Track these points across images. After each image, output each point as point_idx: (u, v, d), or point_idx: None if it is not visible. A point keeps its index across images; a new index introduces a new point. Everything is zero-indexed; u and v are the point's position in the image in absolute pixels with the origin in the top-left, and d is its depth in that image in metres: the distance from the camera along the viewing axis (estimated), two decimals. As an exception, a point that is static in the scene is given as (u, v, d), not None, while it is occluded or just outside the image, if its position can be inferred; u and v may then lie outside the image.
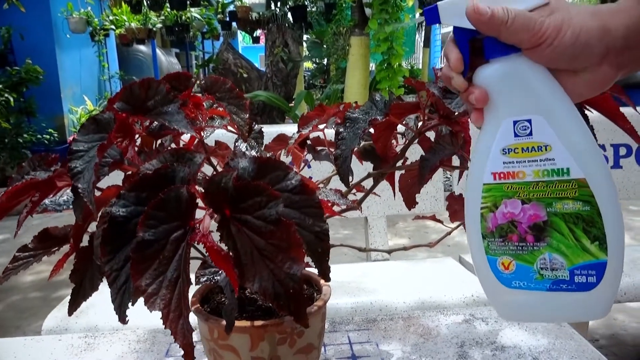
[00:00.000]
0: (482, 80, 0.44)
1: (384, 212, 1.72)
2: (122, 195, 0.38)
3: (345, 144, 0.63)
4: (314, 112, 0.86)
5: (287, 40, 3.77)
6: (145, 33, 7.19)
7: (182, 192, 0.37)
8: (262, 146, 0.66)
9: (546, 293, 0.46)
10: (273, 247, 0.37)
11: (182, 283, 0.36)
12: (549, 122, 0.43)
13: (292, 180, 0.40)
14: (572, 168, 0.43)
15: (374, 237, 1.74)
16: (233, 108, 0.57)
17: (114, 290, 0.38)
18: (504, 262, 0.47)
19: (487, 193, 0.46)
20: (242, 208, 0.37)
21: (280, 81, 3.80)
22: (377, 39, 3.40)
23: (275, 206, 0.36)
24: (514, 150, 0.45)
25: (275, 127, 1.82)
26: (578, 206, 0.43)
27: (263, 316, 0.56)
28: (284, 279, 0.37)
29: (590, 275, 0.44)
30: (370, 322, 0.86)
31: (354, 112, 0.65)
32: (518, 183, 0.45)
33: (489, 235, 0.47)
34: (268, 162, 0.40)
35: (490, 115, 0.45)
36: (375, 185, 0.69)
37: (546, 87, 0.43)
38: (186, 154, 0.41)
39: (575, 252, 0.44)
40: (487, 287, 0.49)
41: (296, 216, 0.40)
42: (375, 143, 0.69)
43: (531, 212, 0.45)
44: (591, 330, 2.04)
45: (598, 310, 0.45)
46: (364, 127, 0.62)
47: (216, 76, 0.58)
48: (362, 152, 0.80)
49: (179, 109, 0.44)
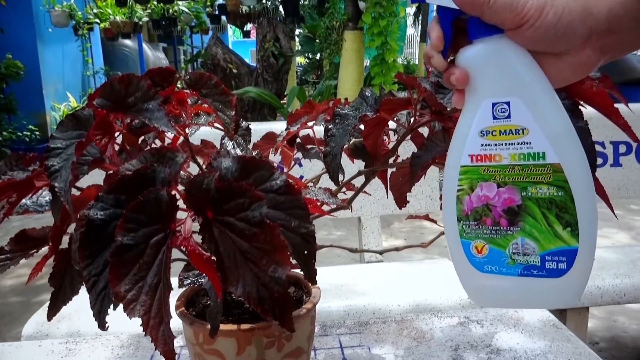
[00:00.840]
0: (464, 61, 0.45)
1: (378, 212, 1.72)
2: (100, 198, 0.38)
3: (335, 141, 0.63)
4: (303, 109, 0.86)
5: (279, 35, 3.76)
6: (131, 27, 7.16)
7: (162, 194, 0.37)
8: (249, 144, 0.66)
9: (517, 278, 0.47)
10: (257, 250, 0.37)
11: (163, 288, 0.36)
12: (527, 105, 0.44)
13: (277, 180, 0.40)
14: (547, 152, 0.44)
15: (367, 238, 1.74)
16: (219, 105, 0.57)
17: (93, 296, 0.38)
18: (477, 245, 0.48)
19: (464, 175, 0.47)
20: (225, 210, 0.37)
21: (271, 77, 3.80)
22: (371, 33, 3.41)
23: (258, 208, 0.36)
24: (492, 132, 0.45)
25: (265, 125, 1.81)
26: (552, 191, 0.44)
27: (250, 319, 0.56)
28: (268, 283, 0.37)
29: (560, 262, 0.45)
30: (362, 326, 0.86)
31: (344, 108, 0.65)
32: (494, 166, 0.46)
33: (463, 219, 0.48)
34: (252, 162, 0.40)
35: (471, 96, 0.46)
36: (365, 183, 0.69)
37: (526, 70, 0.44)
38: (167, 153, 0.41)
39: (547, 237, 0.45)
40: (460, 271, 0.50)
41: (281, 217, 0.40)
42: (365, 140, 0.69)
43: (506, 196, 0.46)
44: (591, 332, 2.06)
45: (568, 297, 0.46)
46: (354, 124, 0.62)
47: (201, 72, 0.58)
48: (353, 149, 0.80)
49: (160, 106, 0.44)
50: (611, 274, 1.43)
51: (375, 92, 0.66)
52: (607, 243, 3.02)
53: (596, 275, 1.42)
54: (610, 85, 0.63)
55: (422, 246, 0.82)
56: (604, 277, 1.42)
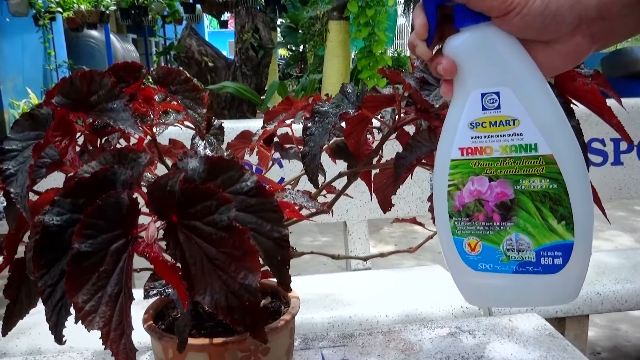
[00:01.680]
0: (451, 50, 0.46)
1: (365, 215, 1.73)
2: (57, 202, 0.38)
3: (314, 141, 0.64)
4: (281, 105, 0.86)
5: (258, 25, 3.76)
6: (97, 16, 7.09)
7: (123, 198, 0.37)
8: (222, 144, 0.67)
9: (512, 276, 0.48)
10: (225, 256, 0.37)
11: (124, 298, 0.36)
12: (517, 95, 0.45)
13: (247, 181, 0.41)
14: (539, 143, 0.45)
15: (354, 244, 1.75)
16: (189, 102, 0.57)
17: (49, 308, 0.38)
18: (470, 243, 0.49)
19: (455, 170, 0.48)
20: (191, 214, 0.38)
21: (250, 71, 3.80)
22: (358, 23, 3.43)
23: (226, 211, 0.37)
24: (482, 124, 0.47)
25: (242, 122, 1.82)
26: (545, 184, 0.45)
27: (224, 332, 0.56)
28: (238, 291, 0.38)
29: (556, 257, 0.46)
30: (346, 338, 0.87)
31: (323, 105, 0.66)
32: (485, 159, 0.47)
33: (455, 215, 0.49)
34: (220, 162, 0.41)
35: (459, 87, 0.47)
36: (347, 186, 0.70)
37: (515, 59, 0.45)
38: (130, 154, 0.41)
39: (541, 232, 0.46)
40: (454, 270, 0.51)
41: (252, 221, 0.41)
42: (347, 139, 0.70)
43: (498, 190, 0.47)
44: (592, 342, 2.09)
45: (565, 294, 0.48)
46: (334, 122, 0.63)
47: (170, 66, 0.58)
48: (334, 149, 0.81)
49: (125, 106, 0.44)
50: (612, 279, 1.46)
51: (357, 88, 0.67)
52: (610, 246, 3.07)
53: (596, 281, 1.45)
54: (603, 82, 0.65)
55: (409, 251, 0.83)
56: (604, 282, 1.44)
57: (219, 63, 4.01)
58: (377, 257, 0.87)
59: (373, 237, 3.33)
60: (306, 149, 0.64)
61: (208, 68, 4.01)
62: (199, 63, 4.02)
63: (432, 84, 0.61)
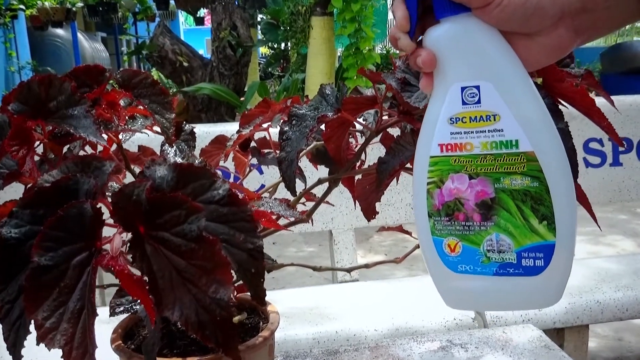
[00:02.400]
0: (431, 42, 0.47)
1: (352, 224, 1.74)
2: (15, 214, 0.39)
3: (291, 146, 0.65)
4: (258, 108, 0.87)
5: (236, 22, 3.77)
6: (63, 14, 7.05)
7: (86, 208, 0.38)
8: (193, 150, 0.67)
9: (493, 278, 0.49)
10: (195, 269, 0.38)
11: (87, 315, 0.36)
12: (498, 89, 0.46)
13: (219, 189, 0.41)
14: (520, 140, 0.46)
15: (340, 254, 1.76)
16: (156, 106, 0.58)
17: (7, 326, 0.38)
18: (450, 243, 0.50)
19: (434, 167, 0.49)
20: (159, 224, 0.39)
21: (228, 71, 3.80)
22: (342, 19, 3.45)
23: (196, 221, 0.38)
24: (462, 119, 0.48)
25: (219, 126, 1.82)
26: (527, 182, 0.47)
27: (198, 351, 0.57)
28: (209, 305, 0.38)
29: (537, 259, 0.47)
30: (331, 354, 0.88)
31: (301, 108, 0.67)
32: (465, 156, 0.48)
33: (435, 214, 0.50)
34: (190, 170, 0.42)
35: (439, 80, 0.48)
36: (327, 193, 0.71)
37: (496, 51, 0.46)
38: (93, 162, 0.42)
39: (523, 232, 0.47)
40: (434, 272, 0.52)
41: (224, 232, 0.41)
42: (327, 143, 0.71)
43: (478, 188, 0.48)
44: (593, 353, 2.11)
45: (547, 297, 0.49)
46: (312, 126, 0.64)
47: (135, 69, 0.59)
48: (314, 154, 0.82)
49: (86, 112, 0.45)
50: (612, 286, 1.48)
51: (336, 90, 0.68)
52: (611, 252, 3.11)
53: (596, 289, 1.47)
54: (593, 83, 0.67)
55: (395, 261, 0.84)
56: (604, 290, 1.46)
57: (194, 63, 4.00)
58: (365, 268, 0.87)
59: (362, 246, 3.34)
60: (283, 155, 0.65)
61: (183, 68, 4.01)
62: (173, 63, 4.02)
63: (414, 85, 0.62)
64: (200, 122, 3.85)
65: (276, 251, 3.30)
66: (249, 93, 3.63)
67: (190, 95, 3.89)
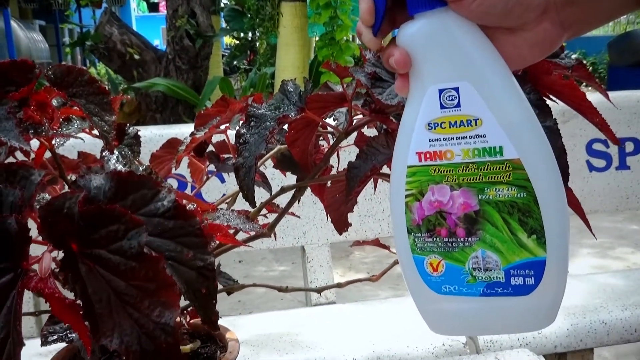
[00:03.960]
0: (404, 40, 0.49)
1: (327, 238, 1.75)
2: None
3: (249, 150, 0.66)
4: (215, 107, 0.88)
5: (194, 8, 3.77)
6: (-7, -1, 6.96)
7: (10, 223, 0.38)
8: (138, 155, 0.68)
9: (480, 299, 0.51)
10: (137, 290, 0.39)
11: (12, 345, 0.37)
12: (478, 90, 0.48)
13: (163, 200, 0.42)
14: (505, 146, 0.48)
15: (314, 273, 1.77)
16: (93, 107, 0.58)
17: None
18: (432, 262, 0.52)
19: (412, 177, 0.51)
20: (94, 241, 0.39)
21: (186, 64, 3.80)
22: (316, 5, 3.47)
23: (136, 236, 0.38)
24: (441, 124, 0.49)
25: (174, 128, 1.82)
26: (513, 192, 0.48)
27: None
28: (152, 331, 0.39)
29: (527, 276, 0.49)
30: (300, 386, 0.89)
31: (260, 107, 0.68)
32: (446, 165, 0.50)
33: (415, 230, 0.52)
34: (130, 179, 0.42)
35: (415, 82, 0.49)
36: (291, 203, 0.72)
37: (476, 49, 0.48)
38: (19, 171, 0.42)
39: (510, 248, 0.49)
40: (415, 294, 0.53)
41: (170, 248, 0.42)
42: (290, 147, 0.72)
43: (461, 201, 0.50)
44: (601, 380, 2.14)
45: (540, 319, 0.50)
46: (272, 127, 0.65)
47: (69, 65, 0.59)
48: (279, 159, 0.83)
49: (8, 114, 0.45)
50: (619, 305, 1.51)
51: (300, 86, 0.69)
52: (621, 266, 3.16)
53: (601, 308, 1.50)
54: (586, 75, 0.69)
55: (371, 279, 0.86)
56: (610, 309, 1.49)
57: (147, 55, 3.99)
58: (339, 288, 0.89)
59: (341, 264, 3.36)
60: (240, 160, 0.66)
61: (134, 61, 3.99)
62: (122, 56, 4.00)
63: (386, 80, 0.64)
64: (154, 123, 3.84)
65: (243, 271, 3.30)
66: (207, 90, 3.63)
67: (143, 93, 3.88)
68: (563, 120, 1.92)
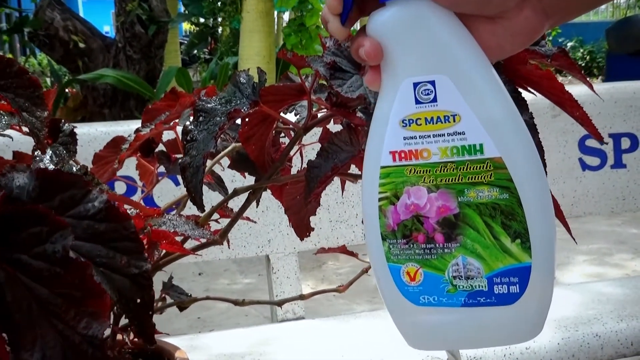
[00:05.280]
0: (375, 29, 0.49)
1: (294, 247, 1.75)
2: None
3: (197, 148, 0.66)
4: (164, 101, 0.89)
5: (147, -9, 3.77)
6: None
7: None
8: (74, 155, 0.68)
9: (461, 309, 0.52)
10: (61, 299, 0.39)
11: None
12: (456, 84, 0.49)
13: (94, 202, 0.43)
14: (485, 144, 0.49)
15: (281, 286, 1.77)
16: (23, 102, 0.59)
17: None
18: (410, 271, 0.52)
19: (386, 179, 0.52)
20: (14, 244, 0.39)
21: (138, 53, 3.78)
22: (284, -13, 3.48)
23: (61, 239, 0.39)
24: (416, 121, 0.50)
25: (122, 125, 1.81)
26: (495, 193, 0.49)
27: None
28: (79, 344, 0.39)
29: (512, 284, 0.50)
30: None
31: (209, 101, 0.69)
32: (422, 165, 0.51)
33: (390, 236, 0.52)
34: (58, 178, 0.43)
35: (387, 75, 0.50)
36: (244, 207, 0.73)
37: (453, 39, 0.49)
38: None
39: (493, 254, 0.50)
40: (391, 306, 0.54)
41: (101, 253, 0.43)
42: (245, 145, 0.73)
43: (439, 203, 0.51)
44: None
45: (525, 330, 0.52)
46: (222, 123, 0.65)
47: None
48: (235, 158, 0.84)
49: None
50: (614, 316, 1.53)
51: (253, 78, 0.70)
52: (619, 273, 3.19)
53: (594, 320, 1.52)
54: (568, 64, 0.71)
55: (337, 290, 0.87)
56: (604, 321, 1.51)
57: (93, 44, 3.97)
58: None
59: (313, 275, 3.37)
60: (187, 160, 0.66)
61: (79, 50, 3.96)
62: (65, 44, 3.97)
63: (347, 71, 0.65)
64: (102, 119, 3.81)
65: (203, 284, 3.29)
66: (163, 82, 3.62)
67: (90, 86, 3.85)
68: (553, 115, 1.95)
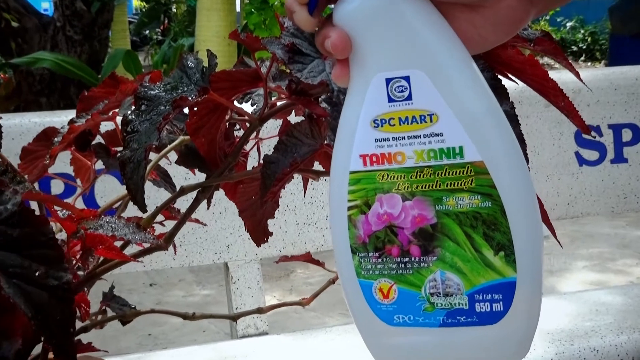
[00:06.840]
0: (343, 19, 0.49)
1: (256, 253, 1.74)
2: None
3: (138, 141, 0.65)
4: (101, 88, 0.88)
5: (90, -38, 3.73)
6: None
7: None
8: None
9: (439, 330, 0.52)
10: (-33, 318, 0.38)
11: None
12: (433, 80, 0.49)
13: (7, 204, 0.42)
14: (466, 147, 0.49)
15: (241, 297, 1.76)
16: None
17: None
18: (382, 287, 0.52)
19: (356, 185, 0.51)
20: None
21: (79, 34, 3.74)
22: (245, -41, 3.47)
23: (-34, 248, 0.38)
24: (389, 121, 0.50)
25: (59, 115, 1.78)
26: (476, 201, 0.49)
27: None
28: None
29: (495, 301, 0.50)
30: None
31: (153, 87, 0.68)
32: (396, 170, 0.50)
33: (360, 249, 0.52)
34: (-35, 177, 0.42)
35: (357, 70, 0.50)
36: (192, 208, 0.72)
37: (429, 30, 0.48)
38: None
39: (474, 268, 0.50)
40: (362, 326, 0.54)
41: (15, 262, 0.42)
42: (193, 137, 0.72)
43: (415, 213, 0.51)
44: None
45: (510, 351, 0.52)
46: (166, 112, 0.64)
47: None
48: (183, 152, 0.83)
49: None
50: (613, 328, 1.55)
51: (203, 62, 0.69)
52: (623, 280, 3.23)
53: (592, 332, 1.53)
54: (552, 49, 0.71)
55: (300, 304, 0.86)
56: (603, 333, 1.53)
57: (28, 22, 3.92)
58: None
59: (280, 285, 3.36)
60: (126, 154, 0.65)
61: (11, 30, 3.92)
62: (-5, 22, 3.92)
63: (307, 54, 0.64)
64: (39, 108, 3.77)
65: (155, 296, 3.27)
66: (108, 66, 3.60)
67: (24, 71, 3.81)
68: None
